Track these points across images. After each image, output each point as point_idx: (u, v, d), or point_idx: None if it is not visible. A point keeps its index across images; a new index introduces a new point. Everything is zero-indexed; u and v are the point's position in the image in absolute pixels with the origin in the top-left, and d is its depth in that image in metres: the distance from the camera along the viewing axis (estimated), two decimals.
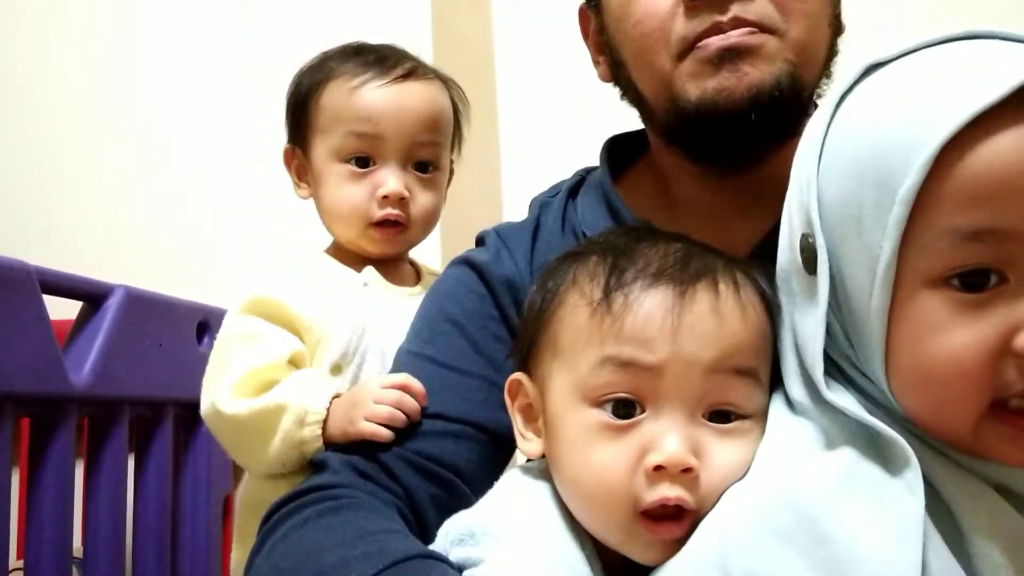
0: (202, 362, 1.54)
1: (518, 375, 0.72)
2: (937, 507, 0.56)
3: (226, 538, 1.66)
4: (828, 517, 0.54)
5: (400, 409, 0.80)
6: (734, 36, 0.77)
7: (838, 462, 0.57)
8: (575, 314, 0.66)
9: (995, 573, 0.54)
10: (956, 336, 0.53)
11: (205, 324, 1.57)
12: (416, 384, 0.82)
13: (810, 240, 0.59)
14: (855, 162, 0.57)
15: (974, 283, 0.53)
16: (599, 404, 0.63)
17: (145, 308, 1.39)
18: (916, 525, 0.53)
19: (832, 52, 0.86)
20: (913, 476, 0.55)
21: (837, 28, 0.87)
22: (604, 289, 0.64)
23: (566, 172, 1.02)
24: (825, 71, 0.86)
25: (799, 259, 0.61)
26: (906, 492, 0.55)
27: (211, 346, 1.56)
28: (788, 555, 0.54)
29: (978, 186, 0.52)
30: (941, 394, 0.55)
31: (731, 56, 0.77)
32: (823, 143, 0.60)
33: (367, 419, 0.80)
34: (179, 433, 1.52)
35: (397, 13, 1.81)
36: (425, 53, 1.15)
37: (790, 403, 0.64)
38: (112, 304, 1.31)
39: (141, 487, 1.43)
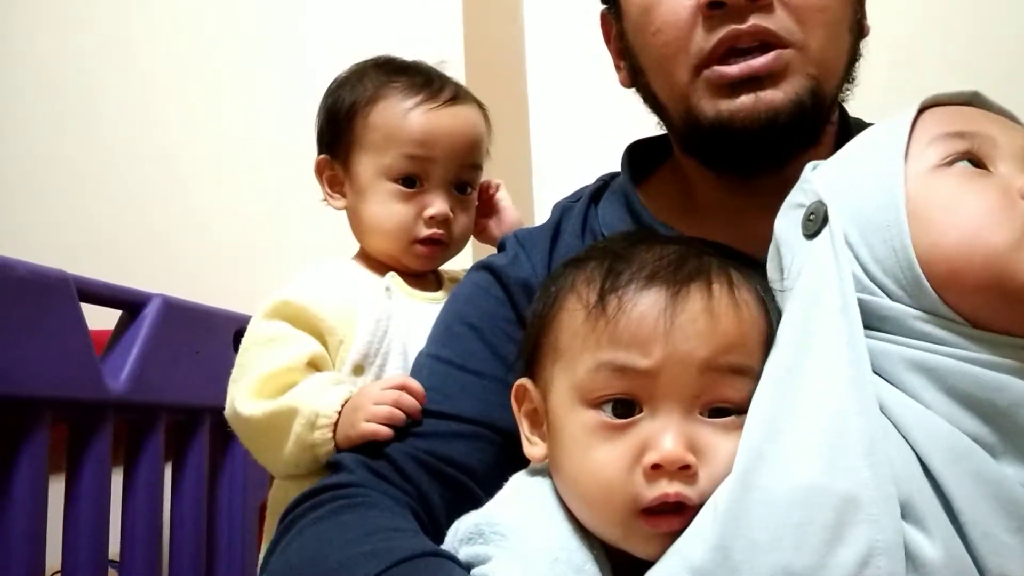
0: None
1: (523, 380, 0.72)
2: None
3: (261, 545, 1.68)
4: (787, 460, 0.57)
5: (399, 408, 0.81)
6: (756, 65, 0.77)
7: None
8: (572, 318, 0.66)
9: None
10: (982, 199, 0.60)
11: (242, 333, 1.59)
12: (415, 384, 0.83)
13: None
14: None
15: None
16: (597, 405, 0.64)
17: (182, 317, 1.42)
18: (888, 457, 0.56)
19: (855, 57, 0.85)
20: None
21: (860, 32, 0.86)
22: (599, 292, 0.65)
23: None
24: (847, 76, 0.85)
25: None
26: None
27: None
28: (770, 510, 0.56)
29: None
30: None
31: (750, 81, 0.77)
32: None
33: (367, 420, 0.81)
34: (215, 440, 1.55)
35: (429, 22, 1.82)
36: (457, 62, 1.16)
37: None
38: (149, 312, 1.35)
39: (178, 493, 1.45)
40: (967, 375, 0.57)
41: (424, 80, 1.07)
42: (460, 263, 1.15)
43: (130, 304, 1.35)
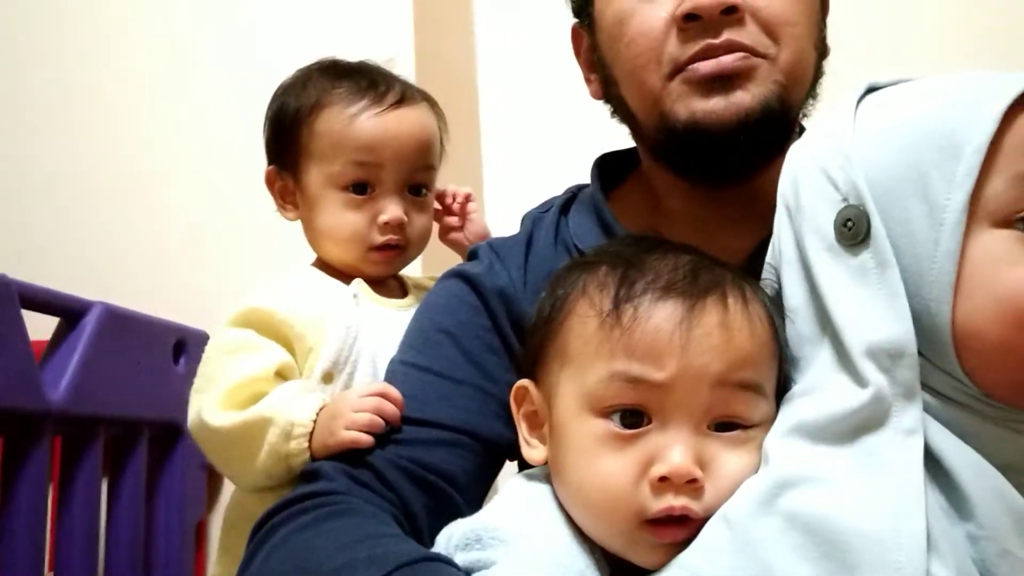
0: (178, 383, 1.54)
1: (524, 382, 0.72)
2: (937, 477, 0.58)
3: (199, 566, 1.63)
4: (815, 491, 0.56)
5: (380, 415, 0.80)
6: (726, 61, 0.79)
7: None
8: (584, 324, 0.66)
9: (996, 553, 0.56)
10: None
11: (182, 344, 1.56)
12: (394, 391, 0.82)
13: (860, 208, 0.61)
14: (906, 138, 0.62)
15: None
16: (606, 414, 0.64)
17: (123, 326, 1.38)
18: (918, 494, 0.55)
19: (818, 74, 0.88)
20: (915, 442, 0.57)
21: (823, 51, 0.89)
22: (614, 300, 0.64)
23: (547, 187, 1.04)
24: (811, 92, 0.88)
25: (834, 238, 0.62)
26: (905, 459, 0.57)
27: (188, 367, 1.58)
28: (794, 537, 0.56)
29: None
30: None
31: (721, 81, 0.79)
32: (854, 133, 0.65)
33: (347, 428, 0.80)
34: (153, 455, 1.50)
35: (379, 23, 1.81)
36: (408, 71, 1.16)
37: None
38: (90, 321, 1.30)
39: (114, 509, 1.41)
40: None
41: (369, 83, 1.05)
42: (414, 270, 1.15)
43: (70, 312, 1.30)
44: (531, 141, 1.78)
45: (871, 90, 0.68)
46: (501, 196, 1.27)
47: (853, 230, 0.61)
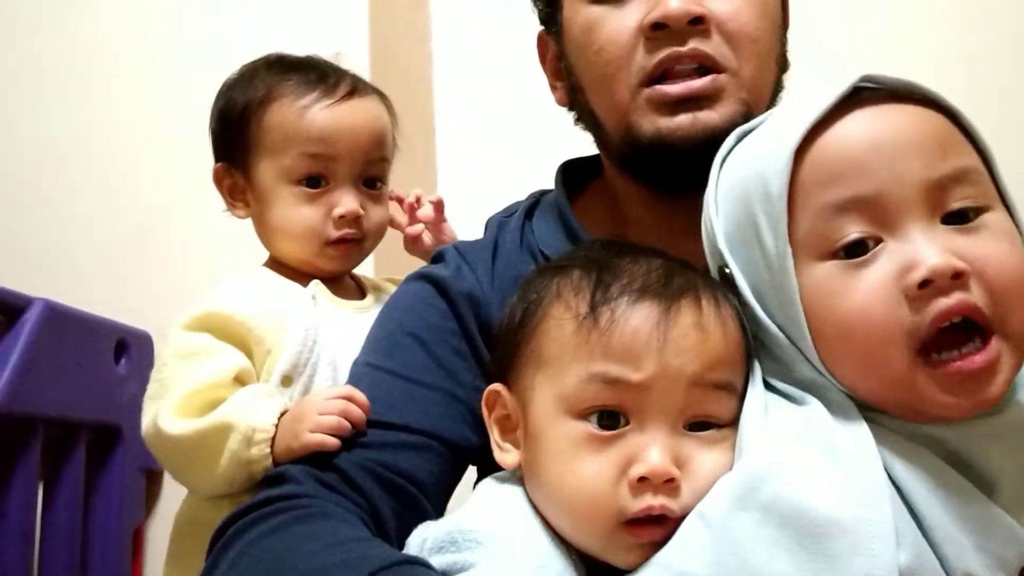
0: (119, 384, 1.50)
1: (496, 386, 0.72)
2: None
3: (135, 571, 1.59)
4: (789, 484, 0.58)
5: (346, 418, 0.79)
6: (695, 86, 0.81)
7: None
8: (560, 327, 0.66)
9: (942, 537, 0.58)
10: (861, 291, 0.60)
11: (124, 344, 1.52)
12: (360, 395, 0.81)
13: (726, 271, 0.68)
14: (740, 191, 0.67)
15: (857, 252, 0.61)
16: (584, 416, 0.64)
17: (64, 324, 1.34)
18: (883, 482, 0.58)
19: (779, 88, 0.91)
20: (863, 432, 0.60)
21: (784, 66, 0.92)
22: (590, 303, 0.65)
23: (501, 187, 1.05)
24: (772, 107, 0.90)
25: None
26: (860, 446, 0.60)
27: (129, 368, 1.54)
28: (770, 530, 0.57)
29: (834, 167, 0.62)
30: (864, 342, 0.60)
31: (689, 101, 0.81)
32: (715, 195, 0.71)
33: (312, 431, 0.79)
34: (91, 458, 1.46)
35: (334, 30, 1.79)
36: (362, 70, 1.15)
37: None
38: (30, 317, 1.27)
39: (50, 513, 1.37)
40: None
41: (319, 75, 1.04)
42: (366, 268, 1.14)
43: (10, 308, 1.26)
44: (485, 140, 1.78)
45: (743, 135, 0.73)
46: (455, 196, 1.27)
47: (729, 284, 0.68)
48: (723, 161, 0.72)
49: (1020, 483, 0.61)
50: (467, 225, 1.17)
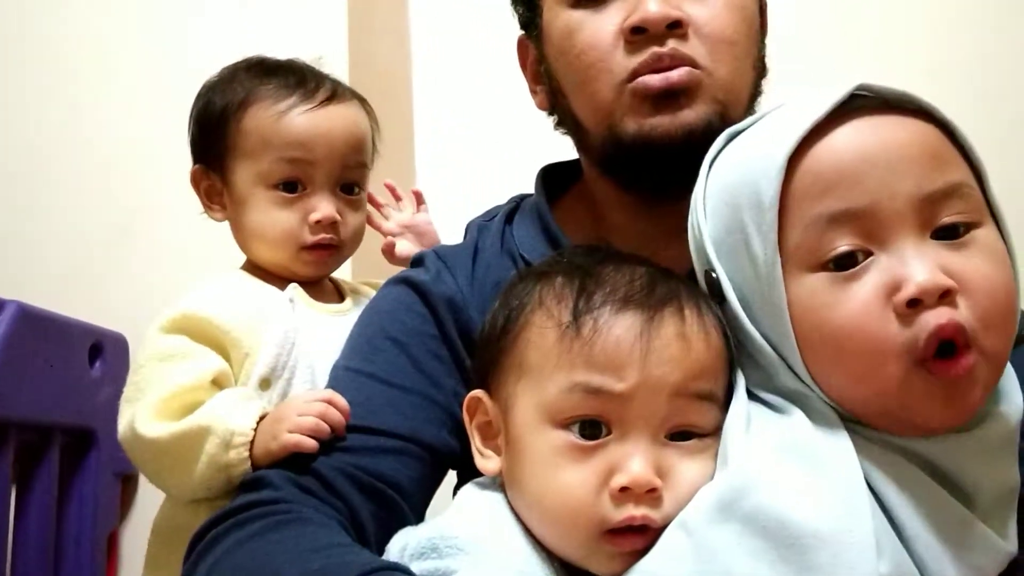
0: (94, 387, 1.48)
1: (477, 392, 0.71)
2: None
3: None
4: (771, 495, 0.58)
5: (325, 420, 0.79)
6: (673, 77, 0.81)
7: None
8: (543, 336, 0.66)
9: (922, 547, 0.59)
10: (851, 304, 0.60)
11: (98, 347, 1.51)
12: (341, 399, 0.81)
13: (713, 275, 0.67)
14: (729, 196, 0.67)
15: (847, 264, 0.61)
16: (565, 425, 0.64)
17: (38, 326, 1.32)
18: (864, 493, 0.58)
19: (756, 92, 0.91)
20: (844, 443, 0.61)
21: (762, 71, 0.92)
22: (573, 312, 0.65)
23: (480, 190, 1.05)
24: (750, 110, 0.90)
25: (707, 293, 0.69)
26: (841, 457, 0.60)
27: (103, 371, 1.52)
28: (752, 541, 0.57)
29: (827, 178, 0.62)
30: (857, 354, 0.60)
31: (668, 97, 0.81)
32: (704, 198, 0.70)
33: (291, 431, 0.78)
34: (65, 462, 1.44)
35: (312, 33, 1.78)
36: (341, 73, 1.14)
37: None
38: (3, 319, 1.25)
39: (22, 518, 1.35)
40: None
41: (298, 80, 1.04)
42: (344, 273, 1.13)
43: None
44: (464, 143, 1.78)
45: (732, 136, 0.73)
46: (434, 199, 1.28)
47: (715, 288, 0.68)
48: (712, 162, 0.72)
49: (995, 495, 0.62)
50: (446, 229, 1.17)
